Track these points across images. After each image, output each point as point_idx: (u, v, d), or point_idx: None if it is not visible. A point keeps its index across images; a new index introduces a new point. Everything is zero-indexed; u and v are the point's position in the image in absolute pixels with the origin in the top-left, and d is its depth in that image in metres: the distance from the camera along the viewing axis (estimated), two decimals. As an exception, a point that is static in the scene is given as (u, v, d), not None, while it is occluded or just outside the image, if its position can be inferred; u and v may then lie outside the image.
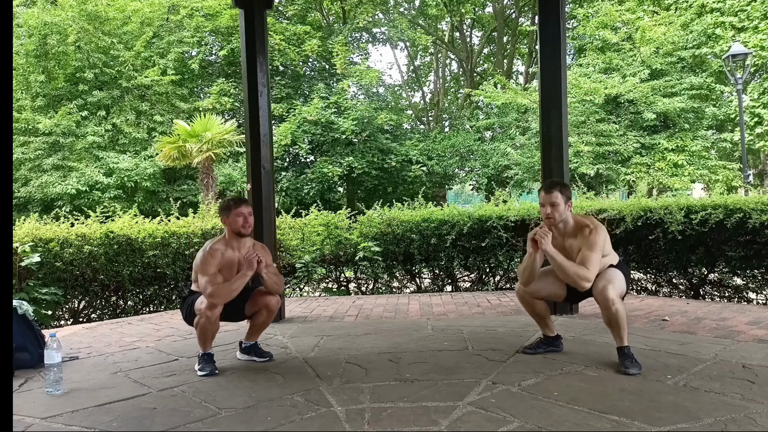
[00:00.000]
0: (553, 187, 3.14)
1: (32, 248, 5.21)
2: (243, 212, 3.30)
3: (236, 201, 3.38)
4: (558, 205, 3.09)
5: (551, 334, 3.41)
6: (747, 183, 12.21)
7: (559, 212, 3.10)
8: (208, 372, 3.16)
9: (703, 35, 15.42)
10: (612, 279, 3.02)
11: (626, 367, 2.90)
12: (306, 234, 6.90)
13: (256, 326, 3.47)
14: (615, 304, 2.95)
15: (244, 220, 3.30)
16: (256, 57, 4.79)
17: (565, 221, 3.14)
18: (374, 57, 51.13)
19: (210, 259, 3.20)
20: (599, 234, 3.04)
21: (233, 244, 3.31)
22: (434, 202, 7.82)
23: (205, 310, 3.11)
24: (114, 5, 16.84)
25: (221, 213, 3.39)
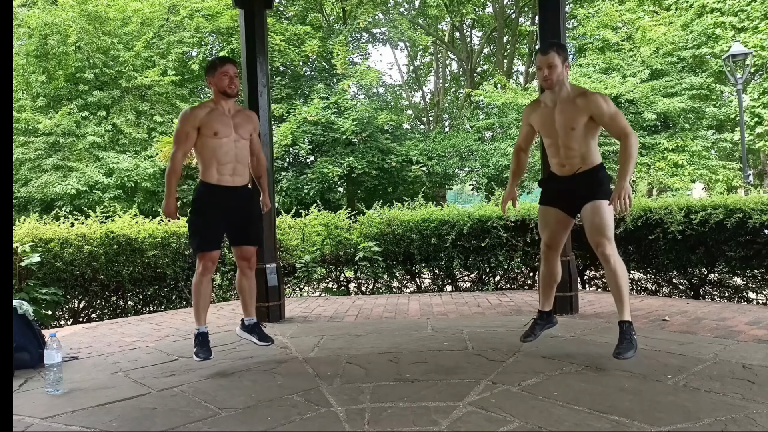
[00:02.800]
0: (550, 47, 3.10)
1: (32, 248, 5.21)
2: (228, 71, 3.33)
3: (221, 59, 3.41)
4: (555, 66, 3.04)
5: (547, 309, 3.44)
6: (747, 183, 12.21)
7: (557, 73, 3.05)
8: (203, 357, 3.23)
9: (704, 35, 15.42)
10: (603, 227, 3.01)
11: (619, 352, 2.91)
12: (306, 234, 6.90)
13: (244, 290, 3.54)
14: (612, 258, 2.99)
15: (229, 80, 3.33)
16: (256, 57, 4.79)
17: (562, 84, 3.09)
18: (374, 57, 51.23)
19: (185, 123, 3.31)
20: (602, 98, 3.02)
21: (221, 104, 3.37)
22: (434, 202, 7.82)
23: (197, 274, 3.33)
24: (114, 6, 16.84)
25: (207, 73, 3.42)
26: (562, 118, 3.09)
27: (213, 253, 3.38)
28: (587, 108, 3.03)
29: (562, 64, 3.07)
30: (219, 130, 3.29)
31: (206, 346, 3.30)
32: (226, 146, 3.32)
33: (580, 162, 3.12)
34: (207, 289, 3.41)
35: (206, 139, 3.30)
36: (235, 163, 3.37)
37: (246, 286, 3.55)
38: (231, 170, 3.35)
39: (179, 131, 3.32)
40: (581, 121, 3.05)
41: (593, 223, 3.04)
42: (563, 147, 3.13)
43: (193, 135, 3.30)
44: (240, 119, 3.42)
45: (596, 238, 3.03)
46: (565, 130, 3.09)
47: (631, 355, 2.89)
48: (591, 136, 3.11)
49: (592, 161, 3.13)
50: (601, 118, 3.01)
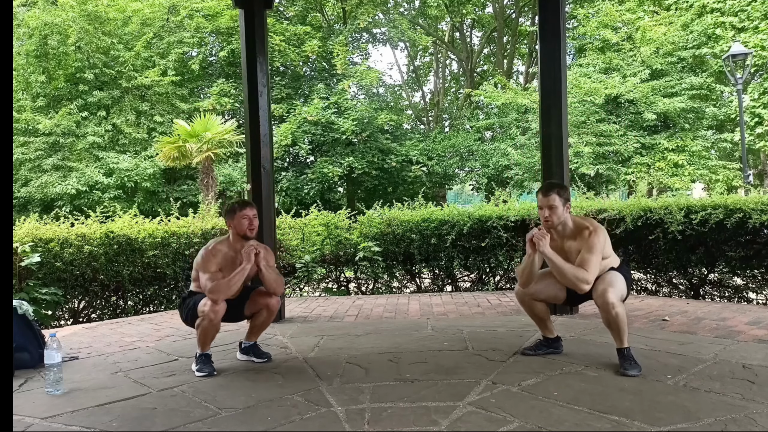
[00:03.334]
0: (551, 189, 3.12)
1: (32, 248, 5.21)
2: (248, 215, 3.29)
3: (241, 204, 3.36)
4: (556, 207, 3.08)
5: (551, 336, 3.40)
6: (747, 183, 12.21)
7: (557, 215, 3.09)
8: (206, 373, 3.16)
9: (704, 35, 15.43)
10: (612, 282, 3.00)
11: (626, 369, 2.89)
12: (306, 234, 6.90)
13: (256, 326, 3.47)
14: (615, 308, 2.93)
15: (249, 223, 3.29)
16: (256, 57, 4.79)
17: (564, 223, 3.13)
18: (374, 57, 51.19)
19: (211, 258, 3.21)
20: (599, 236, 3.03)
21: (237, 247, 3.29)
22: (434, 202, 7.81)
23: (208, 312, 3.10)
24: (114, 6, 16.85)
25: (226, 216, 3.37)
26: (572, 256, 3.10)
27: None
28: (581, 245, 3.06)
29: (563, 206, 3.11)
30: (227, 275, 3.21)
31: (209, 364, 3.22)
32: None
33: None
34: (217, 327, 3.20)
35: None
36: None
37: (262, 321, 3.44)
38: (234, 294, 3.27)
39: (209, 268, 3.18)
40: None
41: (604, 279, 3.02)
42: None
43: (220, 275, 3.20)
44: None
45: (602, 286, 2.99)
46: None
47: (635, 373, 2.87)
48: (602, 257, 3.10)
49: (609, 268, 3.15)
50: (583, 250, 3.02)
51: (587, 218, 3.23)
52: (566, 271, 2.98)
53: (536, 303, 3.33)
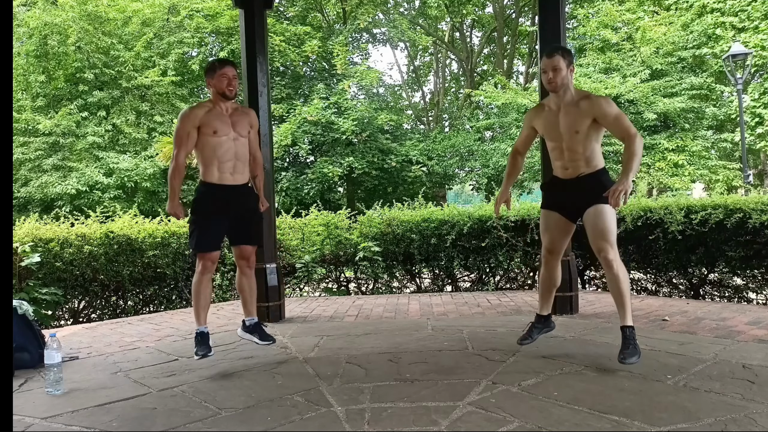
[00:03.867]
0: (555, 51, 3.11)
1: (32, 248, 5.22)
2: (227, 73, 3.34)
3: (221, 61, 3.42)
4: (560, 69, 3.05)
5: (545, 313, 3.43)
6: (747, 183, 12.21)
7: (561, 77, 3.06)
8: (202, 354, 3.22)
9: (704, 35, 15.42)
10: (606, 231, 3.00)
11: (624, 357, 2.89)
12: (306, 234, 6.90)
13: (245, 290, 3.54)
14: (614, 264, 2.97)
15: (228, 82, 3.33)
16: (256, 57, 4.79)
17: (566, 87, 3.10)
18: (374, 57, 51.23)
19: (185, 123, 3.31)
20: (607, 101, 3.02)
21: (219, 105, 3.37)
22: (434, 202, 7.81)
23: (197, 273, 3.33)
24: (114, 6, 16.84)
25: (206, 74, 3.42)
26: (566, 122, 3.09)
27: (213, 254, 3.38)
28: (591, 111, 3.04)
29: (567, 68, 3.08)
30: (218, 128, 3.30)
31: (206, 344, 3.30)
32: (225, 144, 3.33)
33: (584, 165, 3.12)
34: (207, 289, 3.42)
35: (206, 137, 3.31)
36: (235, 161, 3.37)
37: (246, 285, 3.55)
38: (231, 168, 3.36)
39: (180, 131, 3.32)
40: (585, 123, 3.05)
41: (596, 228, 3.03)
42: (567, 150, 3.13)
43: (194, 134, 3.31)
44: (237, 117, 3.43)
45: (599, 242, 3.02)
46: (570, 134, 3.09)
47: (635, 361, 2.88)
48: (595, 139, 3.11)
49: (595, 164, 3.13)
50: (604, 119, 3.02)
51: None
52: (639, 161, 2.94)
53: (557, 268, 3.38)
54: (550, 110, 3.19)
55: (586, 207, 3.07)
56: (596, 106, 3.03)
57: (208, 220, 3.36)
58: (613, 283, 3.02)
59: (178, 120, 3.35)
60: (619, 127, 3.00)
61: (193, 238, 3.40)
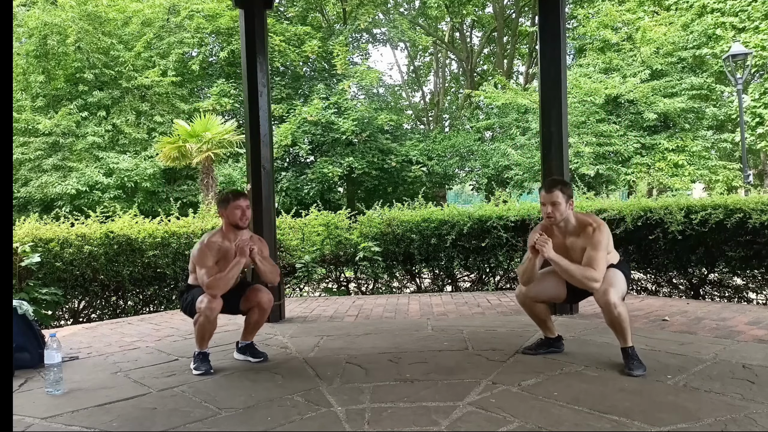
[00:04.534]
0: (554, 186, 3.11)
1: (32, 248, 5.21)
2: (241, 205, 3.32)
3: (234, 193, 3.40)
4: (559, 204, 3.07)
5: (552, 336, 3.40)
6: (747, 183, 12.21)
7: (561, 211, 3.08)
8: (203, 371, 3.17)
9: (704, 36, 15.42)
10: (613, 281, 2.99)
11: (630, 369, 2.89)
12: (306, 234, 6.90)
13: (250, 325, 3.48)
14: (617, 308, 2.92)
15: (242, 213, 3.31)
16: (256, 57, 4.79)
17: (567, 220, 3.12)
18: (374, 57, 51.22)
19: (207, 251, 3.22)
20: (603, 232, 3.02)
21: (230, 237, 3.33)
22: (434, 203, 7.81)
23: (204, 309, 3.11)
24: (114, 6, 16.85)
25: (219, 205, 3.40)
26: (575, 255, 3.09)
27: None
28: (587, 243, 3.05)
29: (566, 203, 3.09)
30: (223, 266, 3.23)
31: (207, 362, 3.23)
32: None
33: None
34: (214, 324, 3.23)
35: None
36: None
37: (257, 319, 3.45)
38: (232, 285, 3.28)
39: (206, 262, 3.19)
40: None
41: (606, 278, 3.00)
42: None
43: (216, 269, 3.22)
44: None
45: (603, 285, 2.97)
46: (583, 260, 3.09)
47: (641, 373, 2.86)
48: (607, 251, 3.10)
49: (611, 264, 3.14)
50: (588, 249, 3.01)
51: (589, 215, 3.21)
52: (574, 272, 2.96)
53: (537, 304, 3.33)
54: (556, 236, 3.15)
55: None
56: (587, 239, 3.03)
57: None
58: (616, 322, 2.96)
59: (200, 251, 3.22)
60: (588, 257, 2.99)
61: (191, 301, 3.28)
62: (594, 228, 3.03)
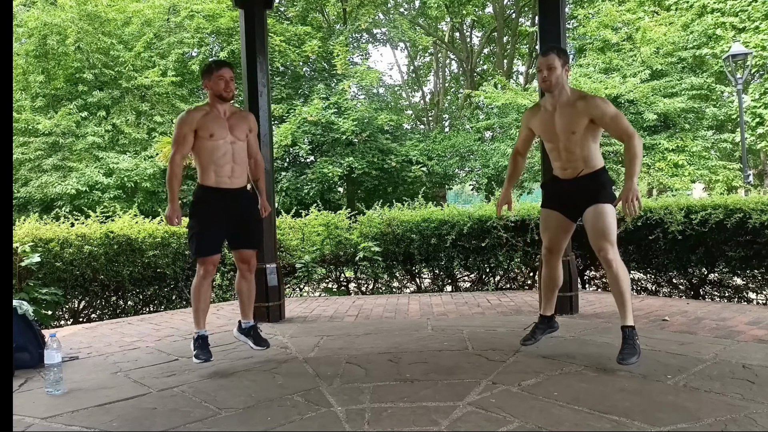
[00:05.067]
0: (551, 49, 3.10)
1: (32, 248, 5.21)
2: (224, 75, 3.34)
3: (218, 63, 3.44)
4: (555, 68, 3.04)
5: (548, 313, 3.43)
6: (747, 183, 12.21)
7: (556, 76, 3.05)
8: (203, 360, 3.21)
9: (704, 36, 15.42)
10: (606, 231, 2.99)
11: (623, 357, 2.89)
12: (306, 234, 6.90)
13: (243, 293, 3.54)
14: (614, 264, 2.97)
15: (225, 84, 3.33)
16: (256, 57, 4.79)
17: (561, 87, 3.09)
18: (374, 57, 51.25)
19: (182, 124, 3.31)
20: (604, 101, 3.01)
21: (217, 107, 3.37)
22: (434, 202, 7.81)
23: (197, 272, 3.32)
24: (114, 6, 16.84)
25: (203, 76, 3.44)
26: (562, 122, 3.08)
27: (213, 257, 3.37)
28: (587, 111, 3.02)
29: (562, 67, 3.07)
30: (215, 131, 3.29)
31: (206, 349, 3.29)
32: (222, 148, 3.32)
33: (582, 165, 3.11)
34: (207, 292, 3.41)
35: (203, 141, 3.30)
36: (233, 164, 3.36)
37: (245, 288, 3.54)
38: (229, 172, 3.35)
39: (177, 134, 3.32)
40: (582, 124, 3.04)
41: (596, 227, 3.03)
42: (564, 151, 3.12)
43: (190, 137, 3.30)
44: (235, 120, 3.42)
45: (599, 242, 3.02)
46: (566, 134, 3.08)
47: (634, 361, 2.88)
48: (592, 140, 3.10)
49: (594, 164, 3.12)
50: (601, 119, 3.01)
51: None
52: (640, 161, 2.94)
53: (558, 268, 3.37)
54: (546, 111, 3.18)
55: (586, 206, 3.07)
56: (593, 106, 3.02)
57: (208, 225, 3.34)
58: (614, 282, 3.02)
59: (176, 123, 3.35)
60: (617, 128, 2.99)
61: (193, 243, 3.38)
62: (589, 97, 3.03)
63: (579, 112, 3.04)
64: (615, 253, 3.00)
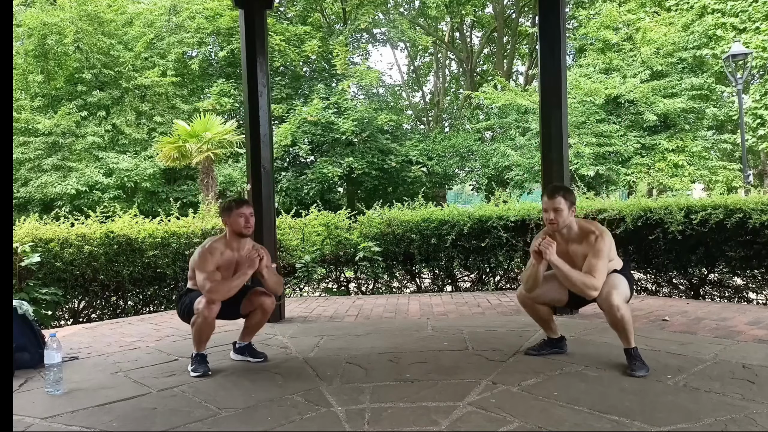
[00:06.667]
0: (557, 192, 3.10)
1: (32, 248, 5.21)
2: (244, 213, 3.31)
3: (238, 201, 3.39)
4: (561, 210, 3.05)
5: (555, 336, 3.39)
6: (747, 183, 12.21)
7: (563, 217, 3.06)
8: (201, 373, 3.15)
9: (704, 36, 15.42)
10: (616, 284, 2.98)
11: (633, 370, 2.89)
12: (306, 234, 6.90)
13: (251, 326, 3.47)
14: (620, 310, 2.91)
15: (245, 221, 3.30)
16: (256, 57, 4.79)
17: (569, 226, 3.10)
18: (374, 57, 51.20)
19: (209, 256, 3.21)
20: (605, 240, 3.00)
21: (233, 245, 3.32)
22: (434, 203, 7.81)
23: (202, 310, 3.10)
24: (114, 6, 16.85)
25: (222, 213, 3.39)
26: (577, 261, 3.08)
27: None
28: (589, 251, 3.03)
29: (569, 209, 3.08)
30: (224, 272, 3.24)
31: (204, 363, 3.21)
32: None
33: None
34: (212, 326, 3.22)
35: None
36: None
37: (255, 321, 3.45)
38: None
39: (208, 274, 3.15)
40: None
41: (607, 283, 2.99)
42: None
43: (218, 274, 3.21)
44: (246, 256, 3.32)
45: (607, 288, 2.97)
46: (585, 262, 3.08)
47: (644, 374, 2.86)
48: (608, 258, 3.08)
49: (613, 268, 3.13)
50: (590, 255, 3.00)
51: (592, 222, 3.19)
52: (574, 278, 2.94)
53: (539, 306, 3.32)
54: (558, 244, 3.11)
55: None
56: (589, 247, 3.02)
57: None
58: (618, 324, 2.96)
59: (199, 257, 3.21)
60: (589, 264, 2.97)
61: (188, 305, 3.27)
62: (596, 236, 3.01)
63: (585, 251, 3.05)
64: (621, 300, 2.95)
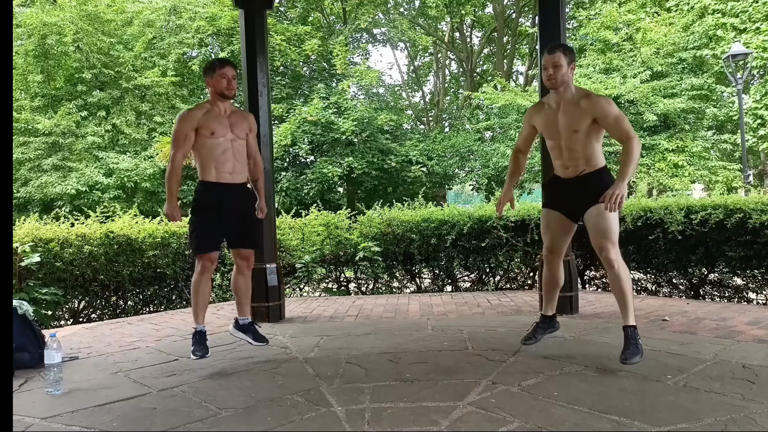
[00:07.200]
0: (557, 47, 3.10)
1: (32, 248, 5.21)
2: (227, 74, 3.37)
3: (221, 61, 3.45)
4: (561, 66, 3.03)
5: (550, 313, 3.43)
6: (747, 183, 12.21)
7: (562, 74, 3.04)
8: (200, 355, 3.27)
9: (705, 36, 15.42)
10: (608, 231, 2.99)
11: (626, 357, 2.89)
12: (306, 234, 6.90)
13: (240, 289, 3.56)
14: (616, 263, 2.97)
15: (227, 82, 3.37)
16: (256, 57, 4.79)
17: (566, 85, 3.08)
18: (374, 57, 51.23)
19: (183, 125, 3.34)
20: (608, 102, 3.01)
21: (218, 105, 3.40)
22: (434, 203, 7.81)
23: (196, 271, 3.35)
24: (114, 6, 16.85)
25: (205, 73, 3.45)
26: (565, 120, 3.08)
27: (212, 254, 3.40)
28: (591, 110, 3.02)
29: (568, 66, 3.06)
30: (216, 129, 3.33)
31: (203, 344, 3.34)
32: (223, 145, 3.35)
33: (584, 164, 3.11)
34: (206, 288, 3.44)
35: (204, 139, 3.34)
36: (234, 161, 3.40)
37: (242, 284, 3.58)
38: (230, 168, 3.39)
39: (177, 132, 3.35)
40: (585, 123, 3.04)
41: (597, 227, 3.02)
42: (566, 149, 3.12)
43: (191, 136, 3.33)
44: (235, 118, 3.46)
45: (600, 242, 3.01)
46: (569, 132, 3.08)
47: (637, 360, 2.88)
48: (595, 139, 3.10)
49: (595, 164, 3.12)
50: (604, 120, 3.01)
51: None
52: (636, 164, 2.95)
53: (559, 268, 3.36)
54: (549, 108, 3.18)
55: (588, 206, 3.07)
56: (596, 106, 3.01)
57: (208, 221, 3.38)
58: (615, 282, 3.02)
59: (176, 121, 3.38)
60: (618, 129, 2.99)
61: (193, 240, 3.43)
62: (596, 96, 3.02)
63: (583, 111, 3.04)
64: (617, 253, 3.00)
